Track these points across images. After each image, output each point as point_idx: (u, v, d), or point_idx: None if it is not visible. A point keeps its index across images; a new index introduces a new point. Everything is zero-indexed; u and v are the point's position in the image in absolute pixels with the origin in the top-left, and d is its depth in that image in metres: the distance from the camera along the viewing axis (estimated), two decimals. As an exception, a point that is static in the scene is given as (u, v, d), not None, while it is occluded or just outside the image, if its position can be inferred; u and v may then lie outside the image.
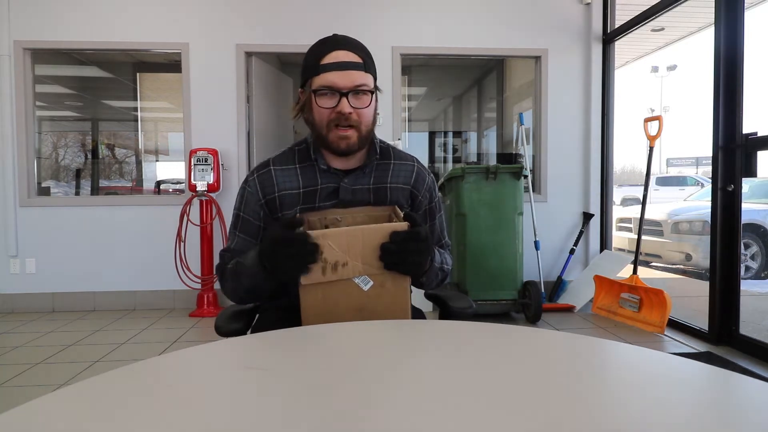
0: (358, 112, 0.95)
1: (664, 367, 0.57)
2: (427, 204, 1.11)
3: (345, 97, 0.93)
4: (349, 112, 0.94)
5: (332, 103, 0.94)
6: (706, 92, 3.91)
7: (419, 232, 0.80)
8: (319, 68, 0.94)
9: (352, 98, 0.94)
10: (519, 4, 3.66)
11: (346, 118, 0.94)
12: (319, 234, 0.77)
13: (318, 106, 0.95)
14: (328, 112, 0.95)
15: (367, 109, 0.97)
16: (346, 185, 1.02)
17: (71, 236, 3.47)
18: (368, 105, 0.97)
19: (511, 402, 0.46)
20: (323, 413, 0.44)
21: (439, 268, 1.01)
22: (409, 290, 0.85)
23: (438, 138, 7.07)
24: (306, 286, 0.79)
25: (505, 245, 3.08)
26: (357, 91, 0.95)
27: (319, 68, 0.94)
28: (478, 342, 0.67)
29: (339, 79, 0.93)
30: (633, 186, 15.68)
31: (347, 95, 0.93)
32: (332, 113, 0.95)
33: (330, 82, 0.93)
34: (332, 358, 0.59)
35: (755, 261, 4.88)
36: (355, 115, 0.95)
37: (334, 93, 0.94)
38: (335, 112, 0.94)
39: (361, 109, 0.96)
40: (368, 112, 0.98)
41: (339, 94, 0.93)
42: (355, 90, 0.94)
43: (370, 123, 0.99)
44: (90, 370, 2.28)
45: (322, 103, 0.95)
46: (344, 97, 0.93)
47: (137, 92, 5.48)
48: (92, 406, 0.45)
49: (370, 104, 0.97)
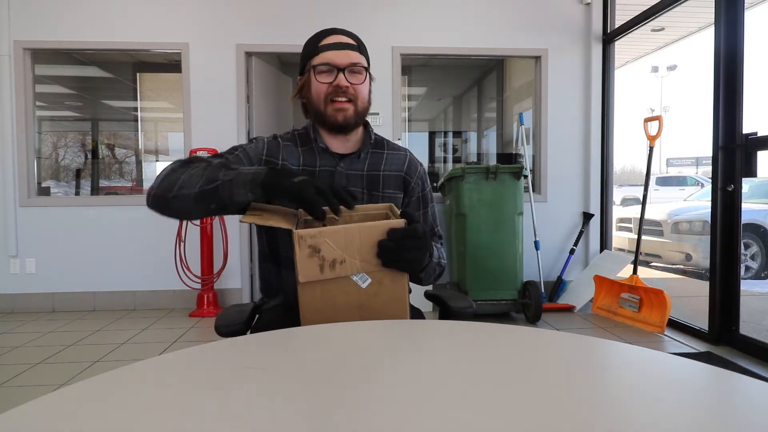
0: (354, 87, 1.04)
1: (664, 367, 0.57)
2: (420, 191, 1.16)
3: (342, 72, 1.02)
4: (346, 86, 1.03)
5: (330, 78, 1.03)
6: (706, 92, 3.92)
7: (416, 229, 0.80)
8: (318, 49, 1.03)
9: (348, 74, 1.03)
10: (519, 4, 3.66)
11: (344, 91, 1.03)
12: (316, 232, 0.77)
13: (317, 81, 1.03)
14: (326, 86, 1.03)
15: (362, 85, 1.06)
16: (341, 170, 1.08)
17: (71, 236, 3.47)
18: (363, 81, 1.05)
19: (510, 402, 0.46)
20: (323, 413, 0.44)
21: (436, 263, 1.02)
22: (408, 288, 0.85)
23: (438, 138, 7.07)
24: (304, 283, 0.79)
25: (505, 245, 3.08)
26: (353, 69, 1.03)
27: (318, 49, 1.03)
28: (478, 342, 0.67)
29: (336, 57, 1.02)
30: (633, 186, 15.69)
31: (344, 71, 1.02)
32: (330, 87, 1.03)
33: (328, 59, 1.02)
34: (332, 359, 0.59)
35: (755, 261, 4.88)
36: (352, 90, 1.04)
37: (332, 69, 1.02)
38: (333, 86, 1.03)
39: (356, 84, 1.04)
40: (363, 88, 1.06)
41: (336, 70, 1.02)
42: (351, 66, 1.03)
43: (365, 100, 1.08)
44: (90, 370, 2.28)
45: (321, 79, 1.03)
46: (341, 73, 1.02)
47: (137, 92, 5.48)
48: (92, 406, 0.45)
49: (365, 81, 1.06)
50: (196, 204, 0.85)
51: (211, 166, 0.88)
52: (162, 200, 0.86)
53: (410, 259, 0.80)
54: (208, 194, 0.84)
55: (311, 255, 0.77)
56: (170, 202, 0.86)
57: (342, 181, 1.08)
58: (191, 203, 0.85)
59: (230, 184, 0.83)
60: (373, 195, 1.09)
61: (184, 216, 0.89)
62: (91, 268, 3.49)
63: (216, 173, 0.84)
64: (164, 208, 0.87)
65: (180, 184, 0.85)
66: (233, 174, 0.83)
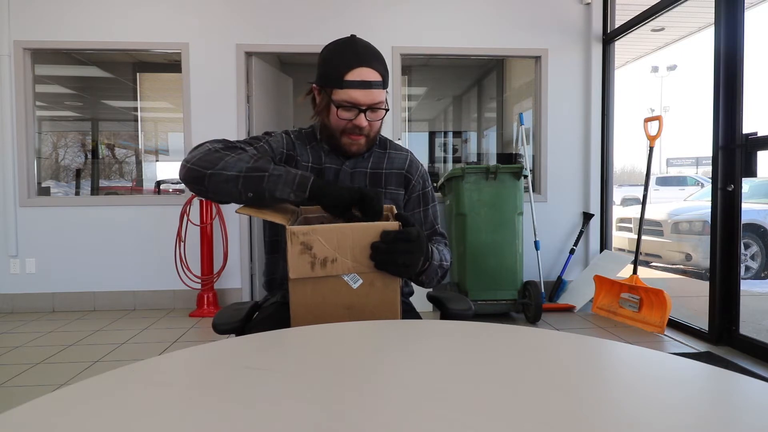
0: (371, 124, 1.05)
1: (664, 367, 0.57)
2: (421, 189, 1.18)
3: (364, 113, 1.02)
4: (365, 126, 1.03)
5: (351, 116, 1.02)
6: (706, 92, 3.92)
7: (410, 232, 0.80)
8: (343, 83, 1.00)
9: (369, 113, 1.03)
10: (519, 4, 3.66)
11: (360, 129, 1.04)
12: (308, 229, 0.78)
13: (338, 117, 1.02)
14: (345, 122, 1.03)
15: (379, 121, 1.07)
16: (347, 168, 1.11)
17: (71, 236, 3.47)
18: (381, 118, 1.07)
19: (510, 402, 0.46)
20: (323, 413, 0.44)
21: (438, 266, 1.01)
22: (399, 290, 0.84)
23: (438, 138, 7.07)
24: (295, 280, 0.79)
25: (505, 245, 3.08)
26: (374, 108, 1.03)
27: (343, 83, 0.99)
28: (478, 342, 0.67)
29: (361, 97, 1.00)
30: (633, 186, 15.68)
31: (365, 111, 1.02)
32: (349, 124, 1.03)
33: (353, 99, 1.00)
34: (332, 359, 0.59)
35: (755, 261, 4.88)
36: (368, 127, 1.05)
37: (354, 108, 1.01)
38: (352, 124, 1.03)
39: (374, 121, 1.06)
40: (379, 123, 1.09)
41: (358, 110, 1.01)
42: (372, 107, 1.02)
43: (378, 130, 1.11)
44: (90, 370, 2.28)
45: (342, 115, 1.02)
46: (363, 113, 1.02)
47: (137, 92, 5.49)
48: (92, 406, 0.45)
49: (383, 117, 1.07)
50: (234, 186, 0.85)
51: (259, 155, 0.92)
52: (198, 174, 0.86)
53: (403, 263, 0.80)
54: (252, 181, 0.85)
55: (303, 252, 0.78)
56: (207, 178, 0.86)
57: (346, 179, 1.11)
58: (230, 184, 0.85)
59: (277, 179, 0.85)
60: None
61: (213, 194, 0.88)
62: (91, 268, 3.49)
63: (266, 165, 0.87)
64: (199, 182, 0.87)
65: (223, 164, 0.86)
66: (282, 170, 0.86)
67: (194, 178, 0.87)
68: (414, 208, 1.17)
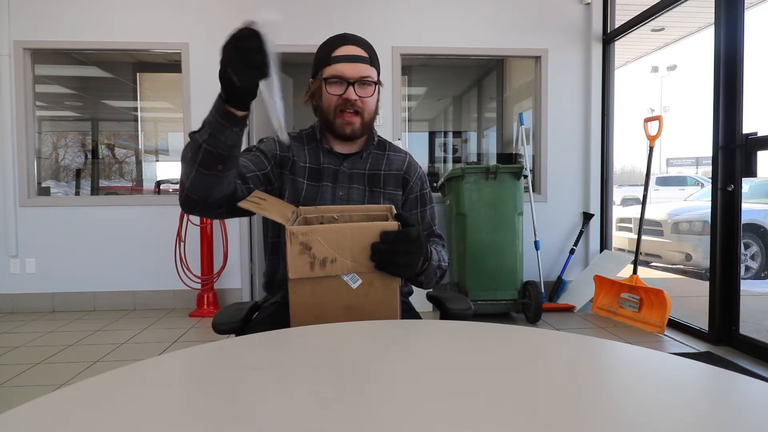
0: (362, 100, 1.06)
1: (664, 367, 0.57)
2: (419, 190, 1.18)
3: (352, 86, 1.04)
4: (354, 99, 1.04)
5: (340, 90, 1.04)
6: (706, 92, 3.92)
7: (410, 232, 0.80)
8: (330, 59, 1.04)
9: (358, 87, 1.04)
10: (519, 4, 3.66)
11: (352, 104, 1.04)
12: (308, 229, 0.78)
13: (328, 93, 1.05)
14: (336, 98, 1.05)
15: (371, 98, 1.08)
16: (345, 169, 1.12)
17: (71, 236, 3.47)
18: (372, 95, 1.07)
19: (510, 402, 0.46)
20: (323, 413, 0.44)
21: (436, 266, 1.01)
22: (399, 290, 0.84)
23: (438, 138, 7.06)
24: (294, 280, 0.79)
25: (505, 245, 3.08)
26: (363, 82, 1.05)
27: (331, 59, 1.04)
28: (478, 342, 0.67)
29: (347, 70, 1.03)
30: (633, 186, 15.68)
31: (354, 84, 1.04)
32: (339, 99, 1.05)
33: (339, 72, 1.03)
34: (332, 359, 0.59)
35: (755, 261, 4.88)
36: (360, 103, 1.06)
37: (343, 82, 1.04)
38: (342, 99, 1.04)
39: (365, 98, 1.06)
40: (371, 101, 1.08)
41: (347, 83, 1.04)
42: (361, 80, 1.04)
43: (372, 112, 1.10)
44: (90, 370, 2.28)
45: (332, 90, 1.05)
46: (351, 86, 1.04)
47: (137, 92, 5.48)
48: (92, 406, 0.45)
49: (374, 94, 1.08)
50: (206, 179, 0.85)
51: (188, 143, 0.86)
52: (186, 199, 0.89)
53: (402, 264, 0.80)
54: (206, 161, 0.83)
55: (302, 252, 0.78)
56: (190, 196, 0.88)
57: (345, 179, 1.11)
58: (203, 182, 0.85)
59: (210, 133, 0.81)
60: (374, 192, 1.12)
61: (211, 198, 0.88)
62: (91, 268, 3.49)
63: (193, 143, 0.84)
64: (193, 204, 0.89)
65: (183, 177, 0.87)
66: (203, 127, 0.83)
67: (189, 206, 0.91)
68: (412, 209, 1.17)
